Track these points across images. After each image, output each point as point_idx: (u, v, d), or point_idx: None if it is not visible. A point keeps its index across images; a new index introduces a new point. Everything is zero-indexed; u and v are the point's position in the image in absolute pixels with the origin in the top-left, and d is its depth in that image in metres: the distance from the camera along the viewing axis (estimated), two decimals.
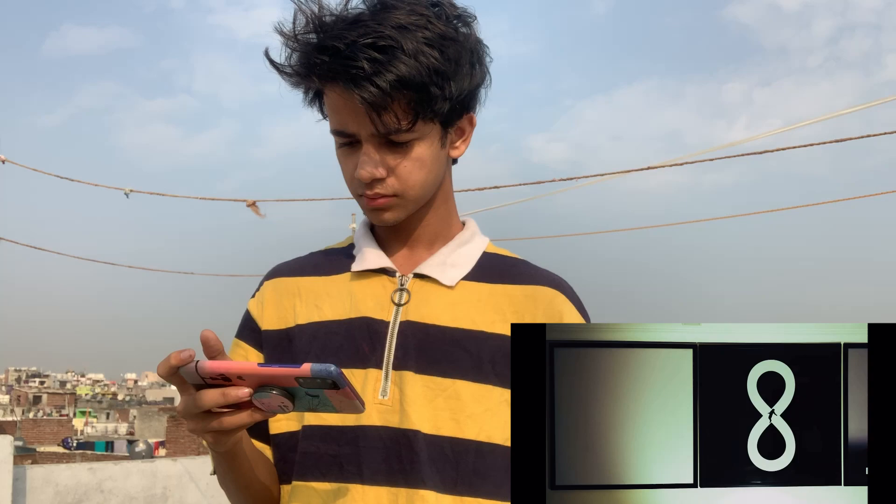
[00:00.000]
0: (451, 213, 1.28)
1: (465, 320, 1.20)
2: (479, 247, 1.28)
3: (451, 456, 1.15)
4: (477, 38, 1.18)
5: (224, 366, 0.97)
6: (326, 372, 0.94)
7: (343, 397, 0.97)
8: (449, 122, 1.18)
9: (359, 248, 1.28)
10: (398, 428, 1.16)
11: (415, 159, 1.15)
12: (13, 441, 6.63)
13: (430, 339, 1.18)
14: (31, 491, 6.72)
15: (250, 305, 1.31)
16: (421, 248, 1.26)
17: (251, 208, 10.47)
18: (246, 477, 1.20)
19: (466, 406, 1.16)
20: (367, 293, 1.23)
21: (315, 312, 1.24)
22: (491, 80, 1.22)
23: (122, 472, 7.24)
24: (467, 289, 1.22)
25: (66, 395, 68.28)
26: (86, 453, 29.18)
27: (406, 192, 1.17)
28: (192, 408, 1.00)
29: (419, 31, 1.10)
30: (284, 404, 0.98)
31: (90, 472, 7.09)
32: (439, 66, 1.10)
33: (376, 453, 1.16)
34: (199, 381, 0.99)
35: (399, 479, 1.15)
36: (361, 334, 1.20)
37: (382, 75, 1.07)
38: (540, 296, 1.23)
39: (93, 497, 7.01)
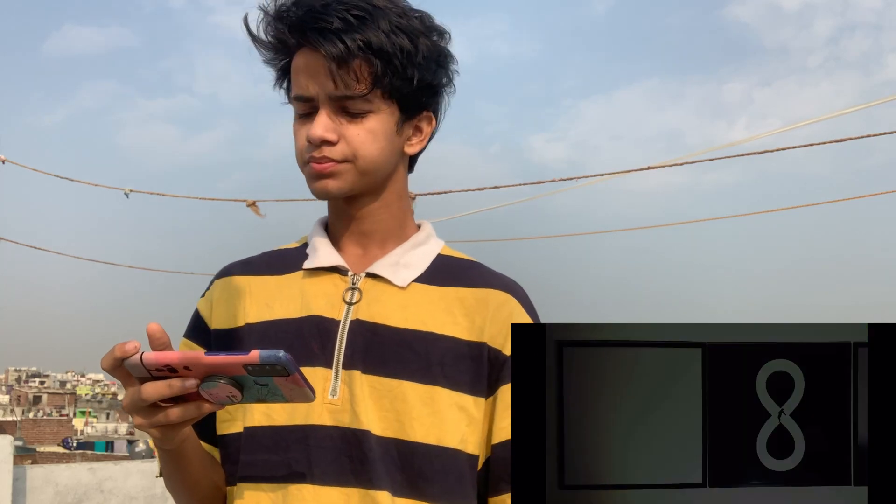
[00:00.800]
0: (405, 213, 1.27)
1: (416, 321, 1.18)
2: (433, 249, 1.26)
3: (397, 458, 1.14)
4: (447, 50, 1.21)
5: (169, 356, 0.95)
6: (275, 358, 0.91)
7: (293, 385, 0.95)
8: (407, 109, 1.18)
9: (312, 245, 1.26)
10: (349, 428, 1.14)
11: (368, 130, 1.15)
12: (13, 441, 6.62)
13: (378, 339, 1.17)
14: (31, 491, 6.71)
15: (199, 305, 1.29)
16: (374, 246, 1.24)
17: (251, 208, 10.46)
18: (194, 477, 1.18)
19: (413, 408, 1.14)
20: (319, 291, 1.21)
21: (266, 311, 1.22)
22: (455, 90, 1.24)
23: (122, 472, 7.23)
24: (419, 290, 1.21)
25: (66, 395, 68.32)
26: (86, 453, 29.19)
27: (356, 161, 1.16)
28: (138, 401, 0.98)
29: (395, 17, 1.13)
30: (233, 394, 0.96)
31: (90, 472, 7.09)
32: (407, 48, 1.13)
33: (326, 453, 1.14)
34: (145, 374, 0.97)
35: (350, 479, 1.13)
36: (311, 333, 1.18)
37: (350, 35, 1.10)
38: (491, 299, 1.21)
39: (93, 497, 7.00)
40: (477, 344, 1.18)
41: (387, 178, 1.22)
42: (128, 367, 0.97)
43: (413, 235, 1.26)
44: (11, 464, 6.52)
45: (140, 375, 0.98)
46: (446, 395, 1.15)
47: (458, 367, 1.17)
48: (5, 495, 6.33)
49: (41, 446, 33.16)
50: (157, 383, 0.96)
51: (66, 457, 27.37)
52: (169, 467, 1.18)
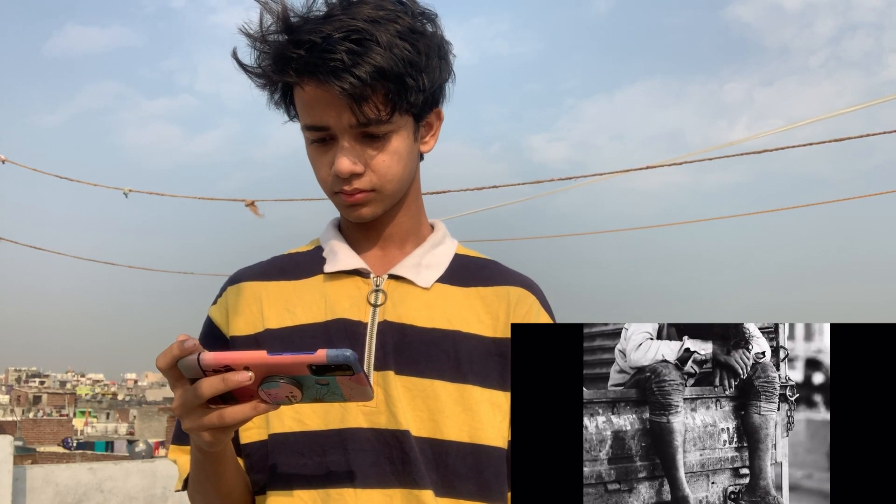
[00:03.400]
0: (421, 213, 1.28)
1: (442, 321, 1.19)
2: (450, 249, 1.28)
3: (432, 457, 1.14)
4: (441, 35, 1.19)
5: (229, 356, 0.92)
6: (343, 357, 0.90)
7: (355, 384, 0.94)
8: (421, 116, 1.19)
9: (329, 249, 1.26)
10: (387, 429, 1.14)
11: (392, 152, 1.15)
12: (13, 441, 6.62)
13: (407, 340, 1.17)
14: (31, 491, 6.71)
15: (212, 312, 1.27)
16: (393, 248, 1.25)
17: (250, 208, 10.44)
18: (229, 484, 1.17)
19: (445, 406, 1.15)
20: (342, 295, 1.21)
21: (288, 316, 1.21)
22: (455, 77, 1.23)
23: (122, 472, 7.22)
24: (442, 290, 1.22)
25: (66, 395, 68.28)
26: (86, 453, 29.16)
27: (384, 187, 1.17)
28: (192, 399, 0.95)
29: (390, 25, 1.11)
30: (293, 394, 0.94)
31: (90, 472, 7.08)
32: (412, 58, 1.11)
33: (366, 456, 1.13)
34: (199, 375, 0.94)
35: (392, 480, 1.13)
36: (340, 336, 1.18)
37: (361, 66, 1.08)
38: (511, 295, 1.24)
39: (93, 497, 7.00)
40: (502, 340, 1.19)
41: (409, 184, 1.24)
42: (181, 368, 0.94)
43: (430, 236, 1.28)
44: (11, 464, 6.51)
45: (193, 376, 0.95)
46: (478, 392, 1.16)
47: (487, 364, 1.18)
48: (5, 495, 6.33)
49: (41, 446, 33.14)
50: (212, 378, 0.93)
51: (66, 457, 27.35)
52: (205, 473, 1.15)
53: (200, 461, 1.13)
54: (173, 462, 1.26)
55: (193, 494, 1.21)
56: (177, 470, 1.27)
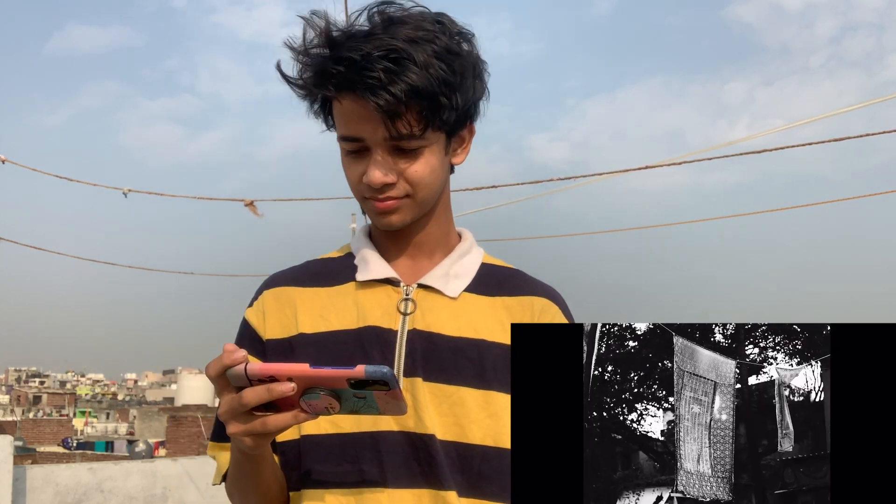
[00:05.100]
0: (450, 223, 1.34)
1: (468, 330, 1.24)
2: (477, 258, 1.33)
3: (457, 460, 1.19)
4: (477, 55, 1.24)
5: (274, 367, 0.98)
6: (380, 373, 0.95)
7: (391, 398, 0.99)
8: (453, 131, 1.23)
9: (361, 257, 1.31)
10: (415, 432, 1.19)
11: (423, 165, 1.20)
12: (13, 441, 6.61)
13: (435, 348, 1.22)
14: (31, 491, 6.71)
15: (249, 315, 1.33)
16: (422, 257, 1.30)
17: (249, 208, 10.45)
18: (267, 482, 1.23)
19: (471, 412, 1.20)
20: (374, 303, 1.26)
21: (321, 322, 1.26)
22: (489, 95, 1.27)
23: (121, 472, 7.22)
24: (469, 300, 1.27)
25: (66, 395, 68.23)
26: (86, 453, 29.16)
27: (416, 195, 1.22)
28: (237, 406, 1.01)
29: (428, 45, 1.15)
30: (332, 405, 0.99)
31: (90, 472, 7.08)
32: (447, 78, 1.15)
33: (396, 457, 1.19)
34: (245, 384, 1.00)
35: (421, 481, 1.18)
36: (371, 343, 1.23)
37: (396, 84, 1.12)
38: (535, 305, 1.29)
39: (93, 497, 7.00)
40: None
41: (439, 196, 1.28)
42: (229, 376, 1.00)
43: (458, 245, 1.33)
44: (11, 464, 6.51)
45: (239, 385, 1.01)
46: (502, 398, 1.21)
47: (510, 372, 1.21)
48: (5, 495, 6.33)
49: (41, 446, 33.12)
50: (257, 388, 0.99)
51: (66, 457, 27.34)
52: (244, 473, 1.22)
53: (240, 461, 1.19)
54: (212, 458, 1.32)
55: (232, 490, 1.28)
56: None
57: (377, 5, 1.20)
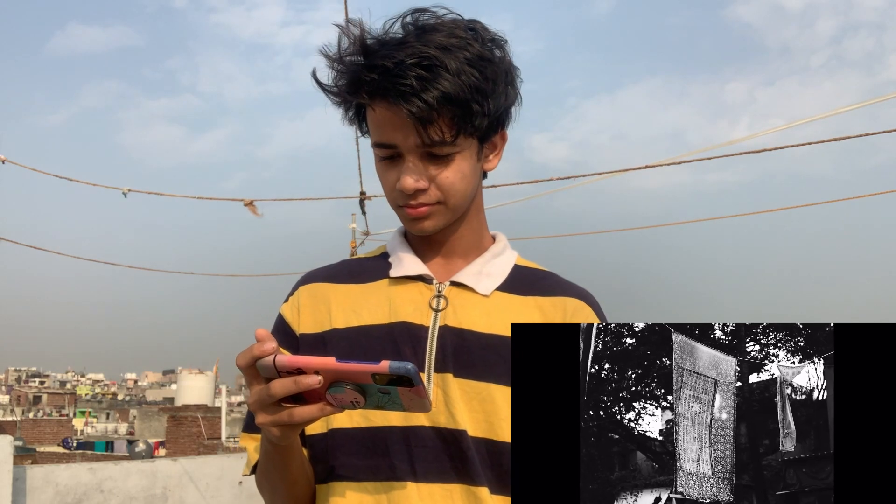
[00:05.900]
0: (483, 226, 1.36)
1: (499, 327, 1.25)
2: (510, 259, 1.35)
3: (487, 457, 1.20)
4: (510, 61, 1.25)
5: (302, 360, 1.00)
6: (404, 369, 0.96)
7: (415, 395, 1.00)
8: (485, 138, 1.25)
9: (395, 256, 1.34)
10: (446, 428, 1.21)
11: (455, 171, 1.22)
12: (13, 441, 6.61)
13: (466, 344, 1.24)
14: (31, 491, 6.70)
15: (284, 310, 1.36)
16: (456, 257, 1.32)
17: (248, 207, 10.45)
18: (294, 474, 1.24)
19: (500, 409, 1.21)
20: (406, 298, 1.28)
21: (353, 317, 1.29)
22: (522, 100, 1.29)
23: (121, 472, 7.22)
24: (501, 298, 1.29)
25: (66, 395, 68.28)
26: (86, 453, 29.18)
27: (447, 201, 1.23)
28: (266, 397, 1.03)
29: (460, 52, 1.17)
30: (357, 399, 1.00)
31: (90, 472, 7.08)
32: (479, 85, 1.17)
33: (427, 452, 1.20)
34: (274, 375, 1.02)
35: (452, 476, 1.20)
36: (403, 338, 1.25)
37: (429, 91, 1.14)
38: (568, 306, 1.30)
39: (93, 497, 6.99)
40: None
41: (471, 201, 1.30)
42: (258, 368, 1.02)
43: (491, 247, 1.35)
44: (11, 464, 6.50)
45: (268, 376, 1.03)
46: None
47: None
48: (5, 495, 6.32)
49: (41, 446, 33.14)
50: (285, 380, 1.01)
51: (66, 457, 27.36)
52: (274, 462, 1.23)
53: (270, 452, 1.21)
54: (243, 448, 1.35)
55: (261, 481, 1.30)
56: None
57: (410, 13, 1.22)
